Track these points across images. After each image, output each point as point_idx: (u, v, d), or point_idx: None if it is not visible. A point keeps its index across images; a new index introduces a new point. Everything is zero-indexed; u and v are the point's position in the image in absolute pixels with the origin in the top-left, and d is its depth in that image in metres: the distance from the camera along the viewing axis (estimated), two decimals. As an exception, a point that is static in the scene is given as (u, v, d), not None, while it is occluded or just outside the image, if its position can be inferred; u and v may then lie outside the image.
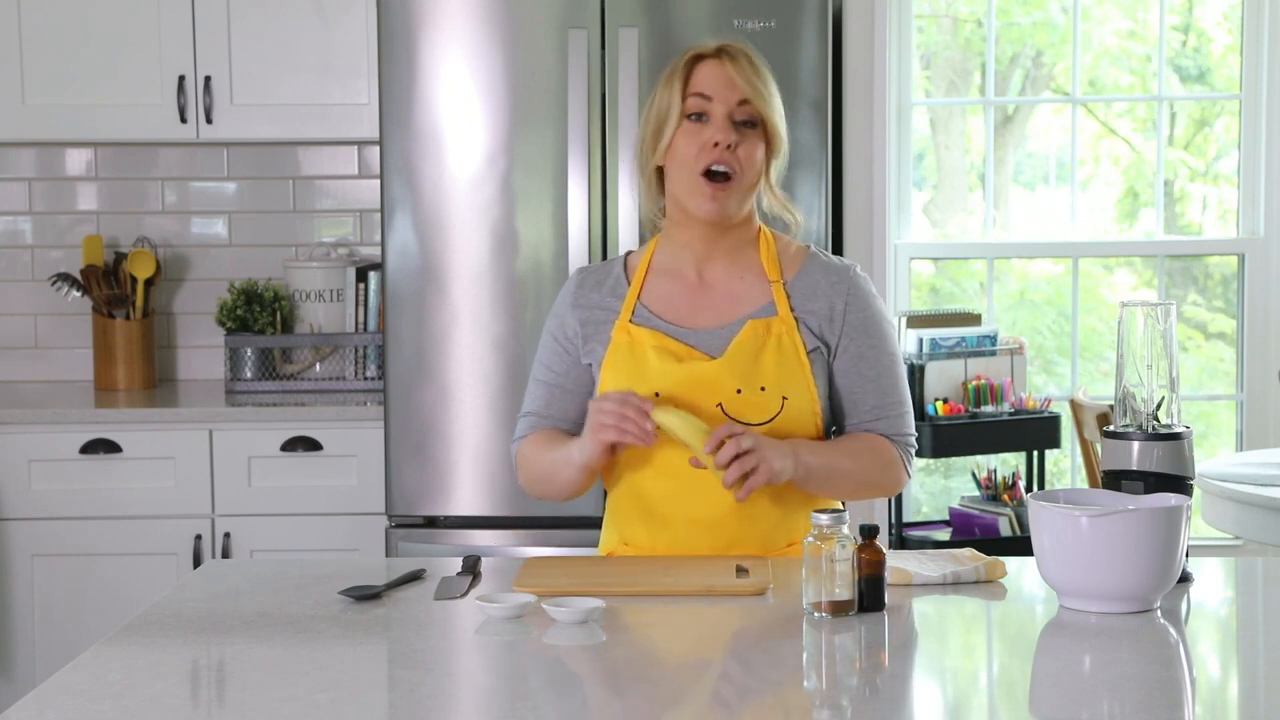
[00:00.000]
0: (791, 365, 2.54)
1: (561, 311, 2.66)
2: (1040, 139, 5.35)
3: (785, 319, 2.56)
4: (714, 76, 2.54)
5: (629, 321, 2.58)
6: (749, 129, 2.54)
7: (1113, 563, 2.17)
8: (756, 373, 2.52)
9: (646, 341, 2.55)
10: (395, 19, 3.89)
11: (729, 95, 2.53)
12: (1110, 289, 5.36)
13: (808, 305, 2.58)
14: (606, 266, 2.68)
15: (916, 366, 4.46)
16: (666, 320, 2.58)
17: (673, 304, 2.60)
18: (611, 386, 2.54)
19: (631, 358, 2.55)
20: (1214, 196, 5.30)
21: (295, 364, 4.51)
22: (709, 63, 2.56)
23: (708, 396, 2.50)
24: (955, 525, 4.50)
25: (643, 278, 2.62)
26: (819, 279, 2.60)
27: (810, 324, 2.57)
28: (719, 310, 2.58)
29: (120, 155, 4.67)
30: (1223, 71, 5.20)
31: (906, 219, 4.84)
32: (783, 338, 2.54)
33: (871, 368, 2.59)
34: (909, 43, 4.79)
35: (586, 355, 2.61)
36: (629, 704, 1.91)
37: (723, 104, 2.53)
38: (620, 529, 2.62)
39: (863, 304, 2.60)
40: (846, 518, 2.21)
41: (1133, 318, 2.39)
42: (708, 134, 2.53)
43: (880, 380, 2.59)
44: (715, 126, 2.53)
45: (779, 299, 2.57)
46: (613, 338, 2.58)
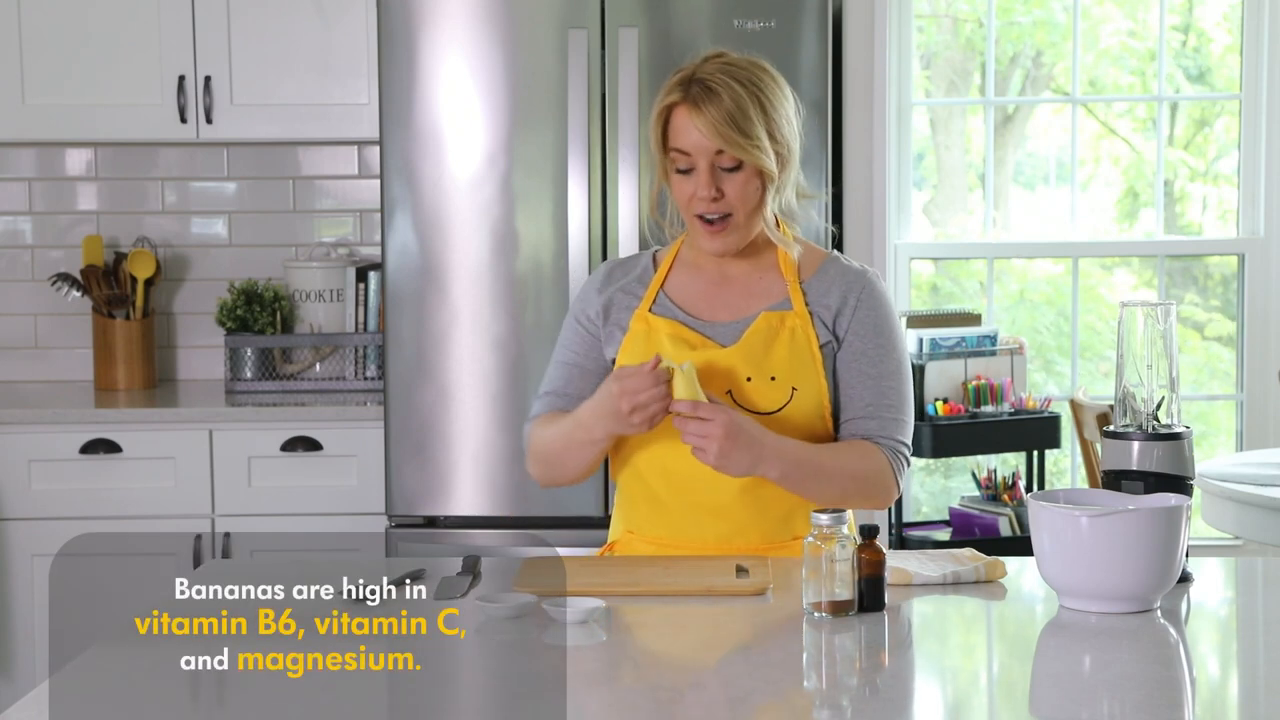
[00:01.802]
0: (803, 357, 2.55)
1: (587, 295, 2.68)
2: (1040, 139, 5.35)
3: (800, 313, 2.57)
4: (687, 130, 2.51)
5: (649, 311, 2.61)
6: (734, 172, 2.53)
7: (1113, 563, 2.17)
8: (768, 362, 2.53)
9: (663, 330, 2.58)
10: (395, 19, 3.89)
11: (706, 147, 2.51)
12: (1110, 289, 5.36)
13: (822, 301, 2.59)
14: (635, 258, 2.72)
15: (916, 366, 4.47)
16: (686, 311, 2.61)
17: (693, 296, 2.63)
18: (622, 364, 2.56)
19: (647, 344, 2.57)
20: (1214, 196, 5.30)
21: (295, 364, 4.51)
22: (681, 112, 2.52)
23: (719, 383, 2.52)
24: (955, 525, 4.50)
25: (668, 269, 2.66)
26: (835, 278, 2.61)
27: (824, 318, 2.58)
28: (737, 305, 2.61)
29: (120, 155, 4.67)
30: (1223, 71, 5.20)
31: (906, 219, 4.84)
32: (796, 330, 2.56)
33: (874, 366, 2.58)
34: (909, 43, 4.79)
35: (606, 340, 2.64)
36: (629, 704, 1.90)
37: (702, 157, 2.52)
38: (627, 517, 2.63)
39: (875, 305, 2.60)
40: (846, 517, 2.22)
41: (1133, 318, 2.39)
42: (691, 187, 2.54)
43: (880, 381, 2.57)
44: (697, 180, 2.53)
45: (795, 295, 2.59)
46: (630, 326, 2.61)
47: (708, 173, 2.52)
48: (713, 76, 2.51)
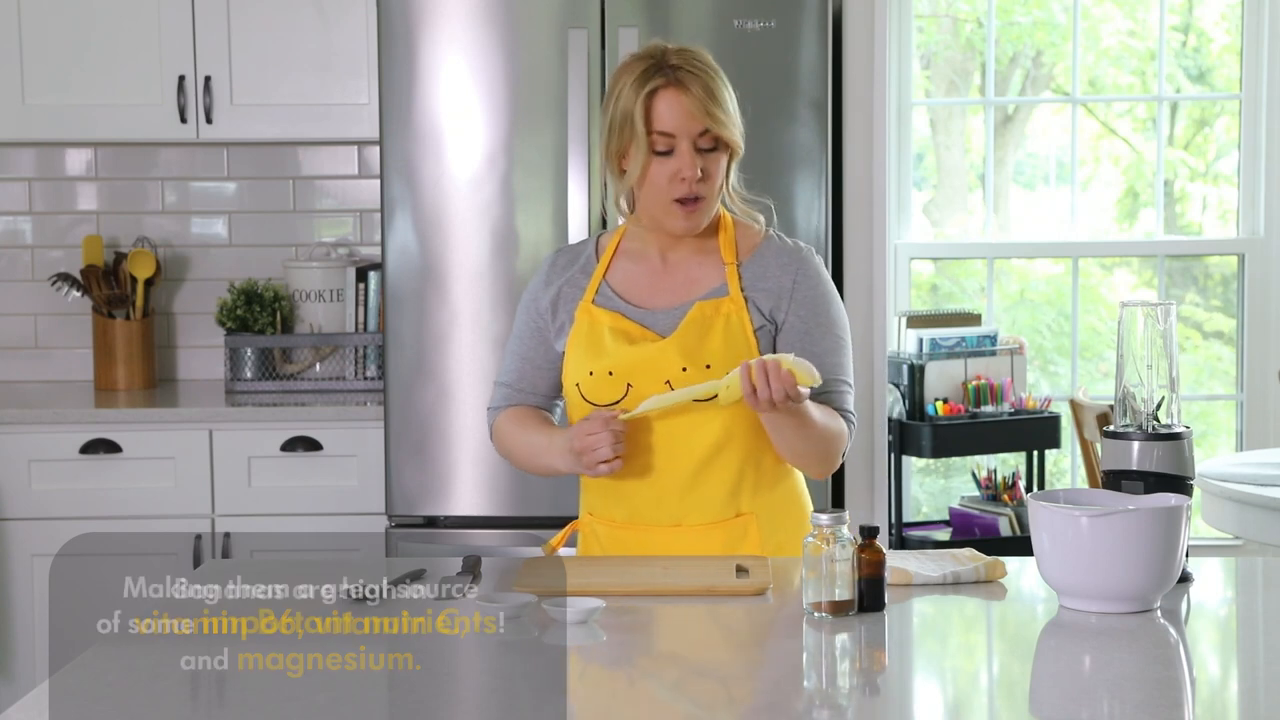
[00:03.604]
0: (738, 343, 2.60)
1: (536, 287, 2.75)
2: (1040, 139, 5.35)
3: (735, 299, 2.62)
4: (673, 110, 2.56)
5: (591, 303, 2.67)
6: (711, 152, 2.59)
7: (1113, 563, 2.17)
8: (702, 351, 2.58)
9: (604, 322, 2.64)
10: (395, 19, 3.89)
11: (690, 127, 2.56)
12: (1110, 289, 5.37)
13: (758, 285, 2.64)
14: (579, 246, 2.77)
15: (916, 366, 4.47)
16: (627, 301, 2.67)
17: (635, 285, 2.68)
18: (573, 365, 2.65)
19: (590, 338, 2.64)
20: (1214, 196, 5.30)
21: (295, 364, 4.51)
22: (666, 94, 2.57)
23: (656, 374, 2.58)
24: (955, 525, 4.50)
25: (610, 259, 2.71)
26: (771, 260, 2.66)
27: (760, 303, 2.63)
28: (676, 292, 2.66)
29: (120, 155, 4.67)
30: (1222, 71, 5.20)
31: (906, 219, 4.84)
32: (731, 317, 2.61)
33: (817, 344, 2.63)
34: (909, 43, 4.79)
35: (556, 333, 2.71)
36: (629, 704, 1.91)
37: (686, 137, 2.57)
38: (588, 501, 2.72)
39: (812, 282, 2.65)
40: (846, 517, 2.22)
41: (1133, 318, 2.39)
42: (674, 166, 2.57)
43: (825, 358, 2.62)
44: (681, 160, 2.57)
45: (731, 280, 2.63)
46: (575, 318, 2.67)
47: (691, 153, 2.56)
48: (686, 63, 2.58)
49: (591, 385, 2.61)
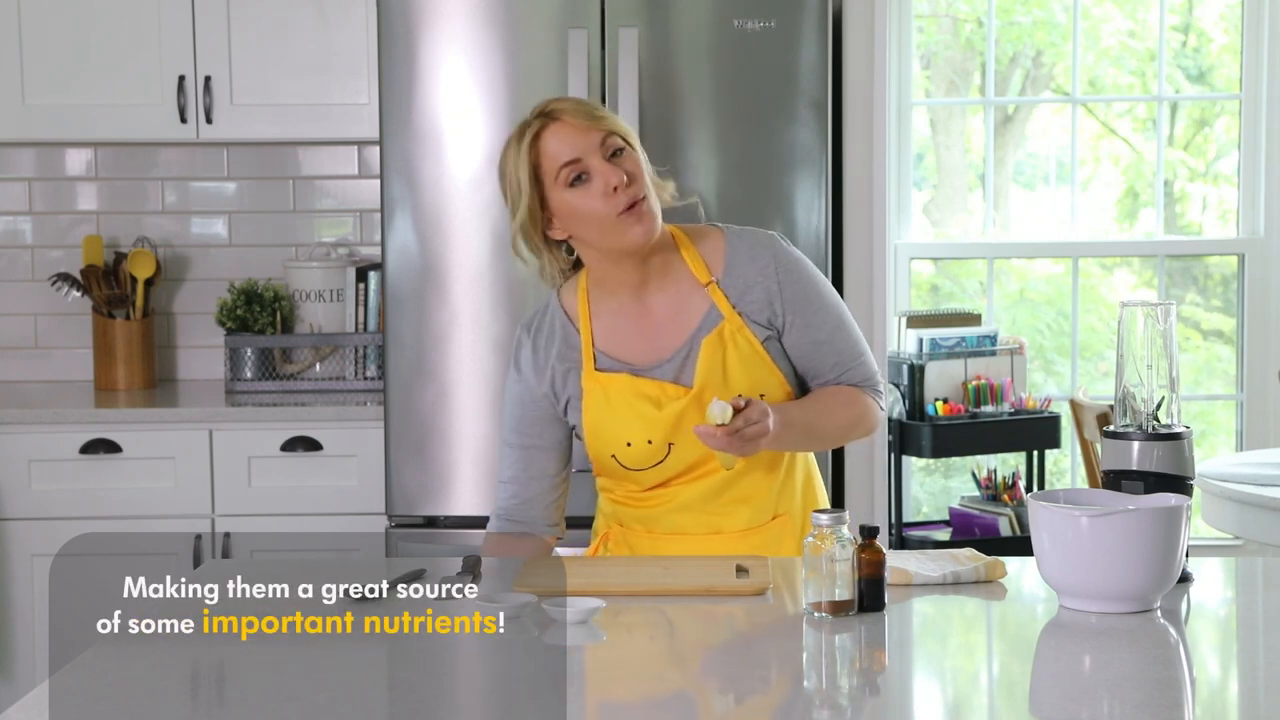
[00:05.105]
0: (754, 364, 2.58)
1: (525, 375, 2.66)
2: (1040, 139, 5.35)
3: (731, 319, 2.59)
4: (562, 138, 2.53)
5: (595, 370, 2.61)
6: (622, 152, 2.55)
7: (1113, 563, 2.17)
8: (728, 386, 2.56)
9: (620, 389, 2.58)
10: (395, 19, 3.89)
11: (588, 142, 2.52)
12: (1110, 289, 5.37)
13: (746, 297, 2.60)
14: (545, 317, 2.67)
15: (916, 366, 4.47)
16: (626, 361, 2.60)
17: (627, 343, 2.61)
18: (603, 438, 2.59)
19: (610, 410, 2.58)
20: (1214, 196, 5.30)
21: (295, 364, 4.51)
22: (547, 131, 2.54)
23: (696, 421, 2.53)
24: (955, 525, 4.51)
25: (588, 323, 2.63)
26: (745, 265, 2.61)
27: (755, 315, 2.60)
28: (670, 334, 2.60)
29: (120, 155, 4.67)
30: (1222, 71, 5.20)
31: (906, 219, 4.84)
32: (737, 340, 2.58)
33: (821, 331, 2.62)
34: (909, 43, 4.79)
35: (565, 409, 2.64)
36: (629, 704, 1.91)
37: (591, 153, 2.52)
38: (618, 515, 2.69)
39: (794, 275, 2.62)
40: (846, 517, 2.22)
41: (1133, 318, 2.39)
42: (599, 185, 2.52)
43: (834, 340, 2.62)
44: (602, 174, 2.52)
45: (717, 300, 2.59)
46: (584, 387, 2.61)
47: (606, 164, 2.52)
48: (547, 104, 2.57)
49: (631, 455, 2.58)
